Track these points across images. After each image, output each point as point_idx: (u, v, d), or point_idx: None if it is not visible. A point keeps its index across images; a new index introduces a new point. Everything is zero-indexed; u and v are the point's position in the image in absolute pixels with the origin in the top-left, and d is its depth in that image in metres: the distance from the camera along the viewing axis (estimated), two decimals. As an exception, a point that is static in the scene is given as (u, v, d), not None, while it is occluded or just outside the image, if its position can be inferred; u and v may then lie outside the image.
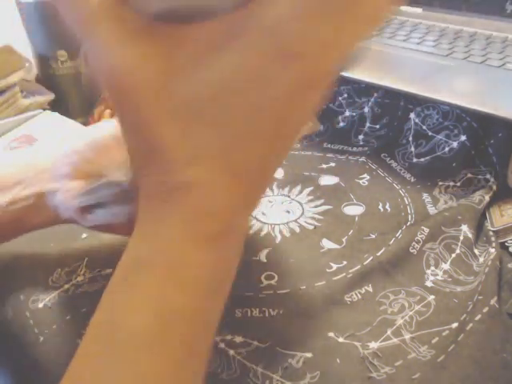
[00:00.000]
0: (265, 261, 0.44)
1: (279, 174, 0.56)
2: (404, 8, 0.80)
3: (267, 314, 0.38)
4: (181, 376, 0.21)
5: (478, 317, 0.37)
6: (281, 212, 0.50)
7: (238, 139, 0.20)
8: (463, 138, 0.54)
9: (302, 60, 0.18)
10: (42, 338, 0.37)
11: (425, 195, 0.51)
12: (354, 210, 0.50)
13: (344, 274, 0.41)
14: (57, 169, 0.36)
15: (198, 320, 0.22)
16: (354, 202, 0.51)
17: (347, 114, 0.63)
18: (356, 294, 0.40)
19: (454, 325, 0.36)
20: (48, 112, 0.65)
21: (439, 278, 0.41)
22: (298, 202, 0.51)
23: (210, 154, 0.20)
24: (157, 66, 0.19)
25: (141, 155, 0.21)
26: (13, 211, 0.36)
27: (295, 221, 0.49)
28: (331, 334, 0.36)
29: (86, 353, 0.21)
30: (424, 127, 0.57)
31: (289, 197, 0.52)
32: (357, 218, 0.49)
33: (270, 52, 0.18)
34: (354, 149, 0.60)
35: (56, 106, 0.67)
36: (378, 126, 0.61)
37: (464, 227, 0.45)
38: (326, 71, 0.20)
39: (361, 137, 0.61)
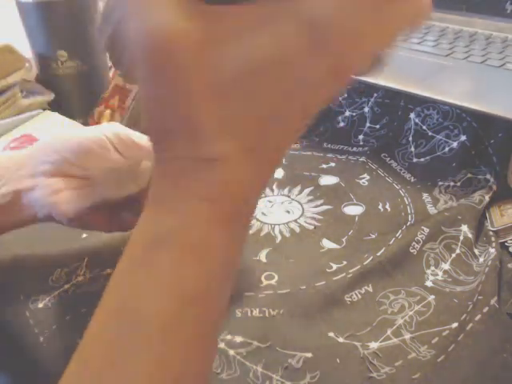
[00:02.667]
0: (265, 261, 0.44)
1: (279, 173, 0.56)
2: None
3: (267, 314, 0.38)
4: (193, 361, 0.21)
5: (478, 317, 0.37)
6: (281, 212, 0.50)
7: (265, 119, 0.20)
8: (463, 137, 0.54)
9: (336, 56, 0.19)
10: (41, 338, 0.37)
11: (425, 195, 0.51)
12: (354, 209, 0.50)
13: (344, 274, 0.41)
14: (35, 166, 0.36)
15: (211, 304, 0.21)
16: (354, 202, 0.51)
17: (347, 114, 0.63)
18: (356, 294, 0.40)
19: (454, 325, 0.36)
20: (48, 112, 0.65)
21: (439, 278, 0.41)
22: (298, 202, 0.51)
23: (240, 131, 0.20)
24: (201, 37, 0.19)
25: (165, 128, 0.21)
26: None
27: (295, 221, 0.49)
28: (331, 334, 0.36)
29: (97, 338, 0.20)
30: (424, 127, 0.57)
31: (289, 197, 0.52)
32: (357, 218, 0.49)
33: (306, 42, 0.19)
34: (354, 149, 0.60)
35: (56, 105, 0.67)
36: (378, 126, 0.61)
37: (464, 227, 0.45)
38: (356, 67, 0.20)
39: (361, 137, 0.61)
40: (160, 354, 0.19)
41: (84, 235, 0.47)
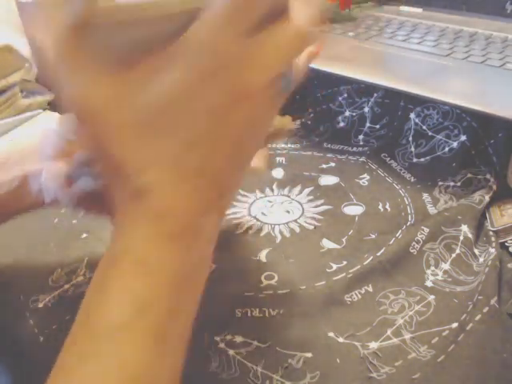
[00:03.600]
0: (265, 261, 0.44)
1: (279, 173, 0.56)
2: (404, 8, 0.80)
3: (267, 314, 0.38)
4: (155, 366, 0.23)
5: (478, 317, 0.37)
6: (281, 212, 0.50)
7: (183, 146, 0.23)
8: (463, 137, 0.54)
9: (217, 76, 0.22)
10: (41, 338, 0.37)
11: (425, 195, 0.51)
12: (354, 209, 0.50)
13: (344, 274, 0.41)
14: (39, 151, 0.36)
15: (168, 311, 0.23)
16: (354, 202, 0.51)
17: (347, 114, 0.63)
18: (356, 294, 0.40)
19: (454, 325, 0.36)
20: (48, 112, 0.65)
21: (439, 278, 0.41)
22: (298, 202, 0.51)
23: (161, 161, 0.23)
24: (109, 90, 0.23)
25: (107, 169, 0.25)
26: None
27: (295, 221, 0.49)
28: (331, 334, 0.36)
29: (71, 351, 0.23)
30: (424, 127, 0.57)
31: (289, 197, 0.52)
32: (357, 218, 0.49)
33: (198, 70, 0.22)
34: (354, 149, 0.60)
35: (56, 105, 0.67)
36: (378, 126, 0.61)
37: (464, 227, 0.45)
38: (253, 84, 0.23)
39: (361, 137, 0.61)
40: (111, 358, 0.22)
41: (84, 235, 0.47)
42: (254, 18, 0.23)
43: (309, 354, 0.35)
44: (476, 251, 0.44)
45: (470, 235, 0.45)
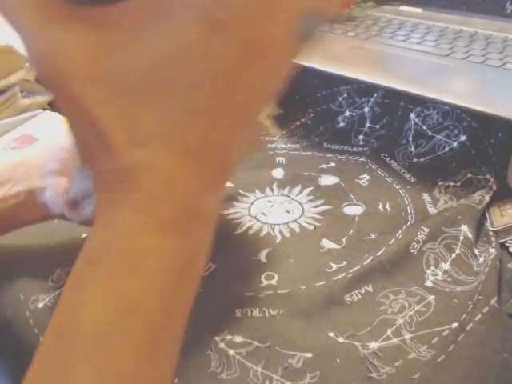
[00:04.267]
0: (265, 261, 0.44)
1: (279, 173, 0.56)
2: (404, 8, 0.80)
3: (267, 314, 0.38)
4: (145, 371, 0.20)
5: (478, 317, 0.37)
6: (281, 212, 0.50)
7: (177, 116, 0.19)
8: (463, 138, 0.54)
9: (230, 28, 0.18)
10: (41, 338, 0.37)
11: (425, 195, 0.51)
12: (354, 209, 0.50)
13: (344, 274, 0.41)
14: (46, 166, 0.36)
15: (160, 311, 0.20)
16: (354, 202, 0.51)
17: (347, 114, 0.63)
18: (356, 294, 0.40)
19: (454, 325, 0.36)
20: (48, 112, 0.65)
21: (439, 277, 0.41)
22: (298, 202, 0.51)
23: (154, 134, 0.19)
24: (83, 48, 0.18)
25: (86, 146, 0.20)
26: (3, 209, 0.37)
27: (295, 221, 0.49)
28: (331, 334, 0.36)
29: (46, 352, 0.20)
30: (424, 127, 0.57)
31: (289, 197, 0.52)
32: (357, 218, 0.49)
33: (206, 29, 0.18)
34: (354, 149, 0.60)
35: (56, 106, 0.67)
36: (378, 126, 0.61)
37: (464, 227, 0.45)
38: (264, 41, 0.19)
39: (361, 137, 0.61)
40: (98, 365, 0.19)
41: (84, 235, 0.46)
42: None
43: (309, 354, 0.35)
44: (476, 251, 0.44)
45: (469, 235, 0.45)
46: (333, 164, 0.57)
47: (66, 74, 0.18)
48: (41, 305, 0.40)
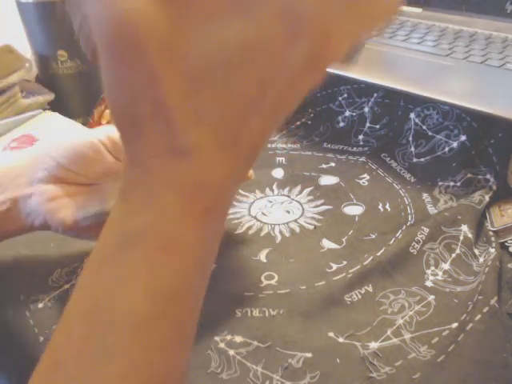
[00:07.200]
0: (265, 261, 0.44)
1: (279, 173, 0.56)
2: (404, 8, 0.80)
3: (267, 314, 0.38)
4: (169, 361, 0.20)
5: (478, 317, 0.37)
6: (281, 212, 0.50)
7: (240, 109, 0.19)
8: (463, 138, 0.54)
9: (312, 45, 0.19)
10: (41, 338, 0.37)
11: (425, 195, 0.51)
12: (354, 209, 0.50)
13: (344, 274, 0.41)
14: (33, 173, 0.35)
15: (187, 301, 0.21)
16: (354, 202, 0.51)
17: (347, 114, 0.63)
18: (356, 294, 0.40)
19: (454, 325, 0.36)
20: (48, 112, 0.65)
21: (439, 277, 0.41)
22: (298, 202, 0.51)
23: (209, 122, 0.19)
24: (169, 23, 0.18)
25: (135, 119, 0.19)
26: None
27: (295, 221, 0.49)
28: (331, 334, 0.36)
29: (68, 340, 0.19)
30: (424, 127, 0.57)
31: (289, 197, 0.52)
32: (357, 218, 0.49)
33: (281, 30, 0.18)
34: (354, 149, 0.60)
35: (56, 105, 0.67)
36: (378, 126, 0.61)
37: (464, 227, 0.45)
38: (331, 57, 0.20)
39: (361, 137, 0.61)
40: (134, 354, 0.19)
41: (84, 235, 0.47)
42: None
43: (309, 354, 0.35)
44: (476, 251, 0.44)
45: (470, 235, 0.45)
46: (333, 164, 0.58)
47: (143, 41, 0.18)
48: (41, 305, 0.40)
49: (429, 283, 0.41)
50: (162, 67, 0.18)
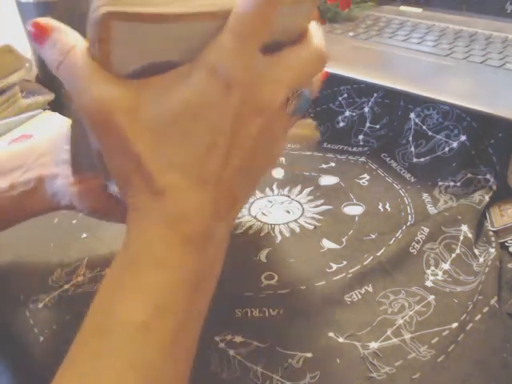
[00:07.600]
0: (265, 261, 0.44)
1: (279, 173, 0.56)
2: (404, 8, 0.80)
3: (267, 314, 0.38)
4: (171, 366, 0.24)
5: (478, 317, 0.37)
6: (281, 212, 0.50)
7: (199, 152, 0.24)
8: (463, 138, 0.54)
9: (237, 88, 0.24)
10: (41, 338, 0.37)
11: (425, 195, 0.51)
12: (353, 209, 0.50)
13: (344, 274, 0.41)
14: (57, 154, 0.36)
15: (185, 313, 0.24)
16: (354, 202, 0.51)
17: (347, 114, 0.63)
18: (356, 294, 0.40)
19: (454, 325, 0.36)
20: (48, 112, 0.65)
21: (439, 277, 0.41)
22: (298, 202, 0.51)
23: (178, 165, 0.24)
24: (129, 99, 0.24)
25: (123, 175, 0.25)
26: (12, 196, 0.36)
27: (295, 221, 0.49)
28: (331, 334, 0.36)
29: (83, 347, 0.24)
30: (424, 127, 0.57)
31: (289, 197, 0.52)
32: (357, 218, 0.49)
33: (215, 81, 0.23)
34: (354, 149, 0.60)
35: (56, 106, 0.67)
36: (378, 126, 0.61)
37: (464, 227, 0.45)
38: (271, 100, 0.25)
39: (361, 137, 0.61)
40: (126, 358, 0.22)
41: (84, 235, 0.47)
42: (271, 33, 0.24)
43: (309, 354, 0.35)
44: (476, 251, 0.44)
45: (470, 235, 0.45)
46: (333, 164, 0.58)
47: (116, 120, 0.24)
48: (41, 305, 0.40)
49: (429, 283, 0.41)
50: (130, 128, 0.24)
